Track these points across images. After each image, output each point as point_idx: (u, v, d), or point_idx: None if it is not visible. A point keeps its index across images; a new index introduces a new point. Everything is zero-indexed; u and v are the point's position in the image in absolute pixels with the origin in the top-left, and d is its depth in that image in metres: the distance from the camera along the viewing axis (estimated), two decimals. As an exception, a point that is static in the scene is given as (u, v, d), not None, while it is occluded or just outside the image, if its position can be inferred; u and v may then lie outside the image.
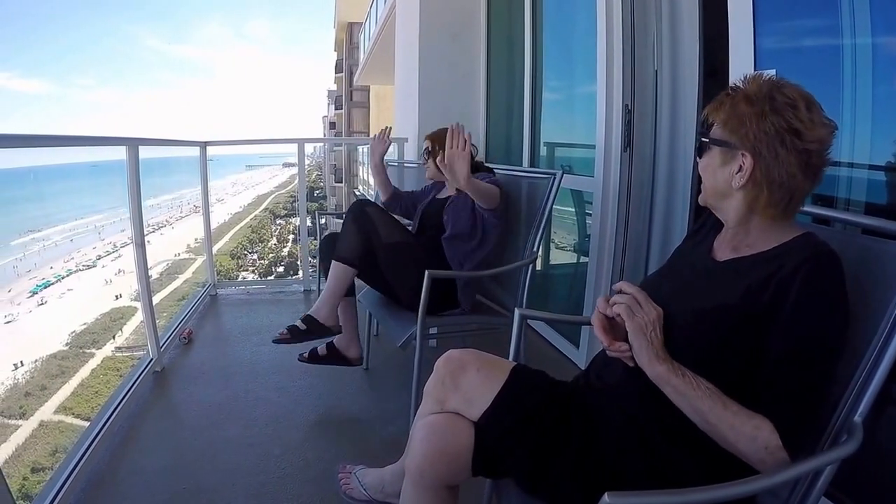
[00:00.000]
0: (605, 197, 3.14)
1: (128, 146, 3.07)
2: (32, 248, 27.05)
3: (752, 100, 1.22)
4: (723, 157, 1.27)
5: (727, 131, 1.26)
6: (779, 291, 1.16)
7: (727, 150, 1.26)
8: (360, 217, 2.73)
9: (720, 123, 1.28)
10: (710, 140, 1.29)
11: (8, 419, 16.24)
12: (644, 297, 1.25)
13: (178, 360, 3.59)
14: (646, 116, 3.05)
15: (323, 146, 40.54)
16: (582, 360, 3.35)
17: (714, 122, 1.30)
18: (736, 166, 1.24)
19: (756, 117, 1.20)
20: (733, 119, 1.24)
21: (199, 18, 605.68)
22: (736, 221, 1.30)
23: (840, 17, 1.89)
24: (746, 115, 1.21)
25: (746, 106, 1.22)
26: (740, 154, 1.23)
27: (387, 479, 1.97)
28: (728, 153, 1.26)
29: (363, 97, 31.14)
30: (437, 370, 1.55)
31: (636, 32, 3.00)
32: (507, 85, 4.77)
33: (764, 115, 1.19)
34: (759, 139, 1.19)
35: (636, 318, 1.22)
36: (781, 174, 1.19)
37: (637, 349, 1.22)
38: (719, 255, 1.38)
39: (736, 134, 1.23)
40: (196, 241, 30.20)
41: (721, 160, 1.28)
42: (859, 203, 1.90)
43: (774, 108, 1.18)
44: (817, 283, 1.14)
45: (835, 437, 1.21)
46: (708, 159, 1.31)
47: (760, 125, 1.19)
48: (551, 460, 1.32)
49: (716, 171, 1.29)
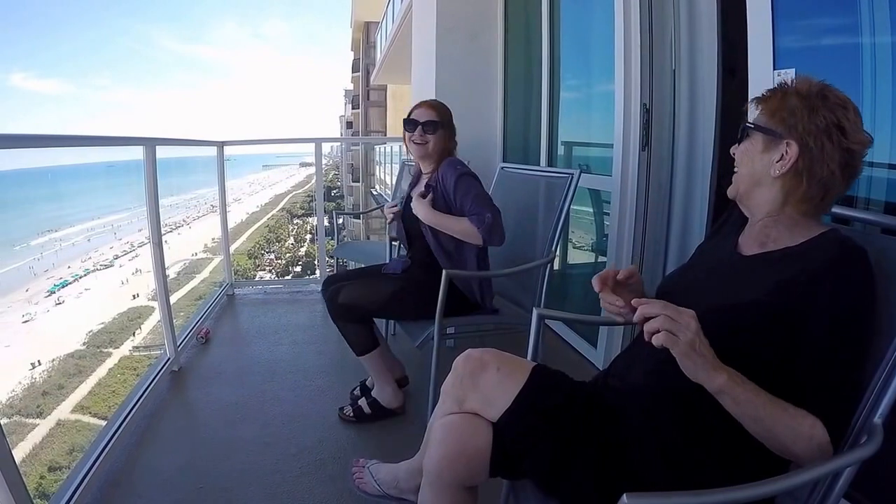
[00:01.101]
0: (623, 196, 3.11)
1: (145, 146, 3.08)
2: (50, 248, 27.30)
3: (804, 95, 1.23)
4: (766, 143, 1.28)
5: (775, 120, 1.26)
6: (811, 285, 1.15)
7: (772, 138, 1.26)
8: (339, 309, 2.73)
9: (767, 113, 1.28)
10: (756, 126, 1.30)
11: (26, 418, 16.38)
12: (674, 311, 1.14)
13: (195, 360, 3.60)
14: (664, 115, 3.02)
15: (340, 145, 40.57)
16: (600, 360, 3.32)
17: (759, 110, 1.31)
18: (778, 154, 1.25)
19: (808, 110, 1.21)
20: (782, 109, 1.25)
21: (214, 18, 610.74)
22: (765, 213, 1.30)
23: (860, 15, 1.86)
24: (797, 107, 1.23)
25: (798, 100, 1.23)
26: (785, 143, 1.24)
27: (401, 476, 1.96)
28: (772, 141, 1.26)
29: (380, 96, 31.15)
30: (455, 369, 1.54)
31: (654, 31, 2.97)
32: (525, 84, 4.74)
33: (815, 109, 1.21)
34: (808, 130, 1.20)
35: (680, 339, 1.11)
36: (823, 169, 1.20)
37: (693, 369, 1.12)
38: (745, 250, 1.37)
39: (784, 123, 1.24)
40: (213, 241, 30.40)
41: (763, 146, 1.28)
42: (879, 202, 1.88)
43: (826, 105, 1.20)
44: (851, 277, 1.14)
45: (854, 439, 1.19)
46: (749, 144, 1.32)
47: (811, 118, 1.20)
48: (570, 461, 1.31)
49: (756, 156, 1.30)
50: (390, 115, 29.21)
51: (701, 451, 1.23)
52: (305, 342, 3.90)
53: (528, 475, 1.42)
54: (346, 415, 2.83)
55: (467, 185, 2.59)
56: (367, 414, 2.81)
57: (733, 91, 2.64)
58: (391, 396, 2.83)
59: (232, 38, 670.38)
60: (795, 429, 1.10)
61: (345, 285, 2.74)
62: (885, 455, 1.12)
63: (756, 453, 1.20)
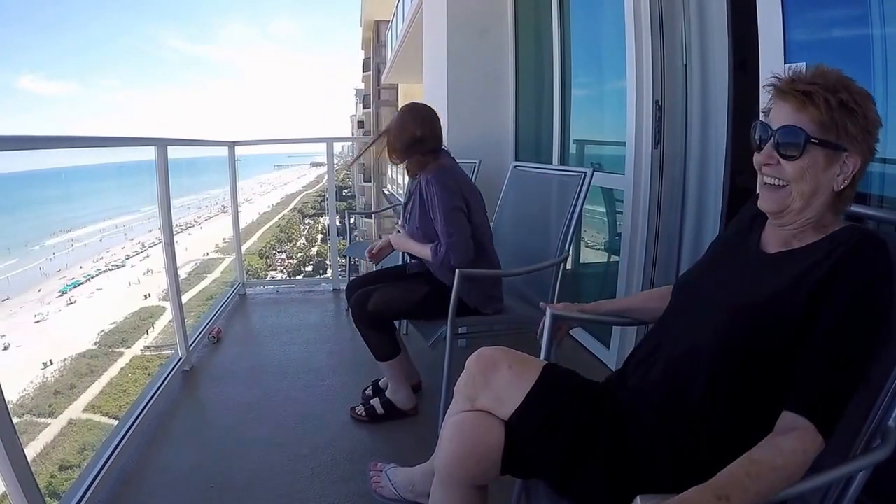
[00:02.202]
0: (636, 194, 3.09)
1: (157, 146, 3.10)
2: (62, 249, 27.49)
3: (843, 98, 1.15)
4: (827, 158, 1.18)
5: (832, 132, 1.17)
6: (830, 274, 1.14)
7: (832, 152, 1.18)
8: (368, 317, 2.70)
9: (815, 123, 1.17)
10: (820, 141, 1.18)
11: (37, 417, 16.50)
12: None
13: (206, 360, 3.61)
14: (676, 112, 3.00)
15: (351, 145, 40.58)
16: (612, 360, 3.30)
17: (797, 122, 1.20)
18: (838, 167, 1.18)
19: (852, 113, 1.15)
20: (832, 119, 1.16)
21: (222, 18, 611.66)
22: (806, 219, 1.24)
23: (869, 7, 1.85)
24: (844, 115, 1.15)
25: (838, 104, 1.15)
26: (844, 155, 1.17)
27: (417, 479, 1.97)
28: (833, 154, 1.18)
29: (391, 96, 31.15)
30: (468, 368, 1.54)
31: (664, 27, 2.95)
32: (536, 82, 4.73)
33: (852, 113, 1.15)
34: (864, 139, 1.16)
35: None
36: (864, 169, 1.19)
37: None
38: (770, 248, 1.34)
39: (843, 133, 1.16)
40: (224, 241, 30.53)
41: (826, 162, 1.19)
42: (892, 200, 1.86)
43: (861, 110, 1.15)
44: (869, 264, 1.13)
45: (867, 443, 1.17)
46: (811, 160, 1.20)
47: (860, 124, 1.15)
48: (582, 460, 1.30)
49: (820, 172, 1.19)
50: (402, 114, 29.20)
51: (712, 454, 1.20)
52: (317, 342, 3.90)
53: (540, 474, 1.41)
54: (358, 414, 2.82)
55: (441, 203, 2.56)
56: (379, 414, 2.80)
57: (745, 86, 2.61)
58: (406, 398, 2.82)
59: (240, 37, 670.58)
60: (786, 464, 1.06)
61: (372, 291, 2.71)
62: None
63: None
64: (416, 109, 2.77)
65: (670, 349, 1.36)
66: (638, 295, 1.92)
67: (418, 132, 2.67)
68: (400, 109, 2.81)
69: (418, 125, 2.68)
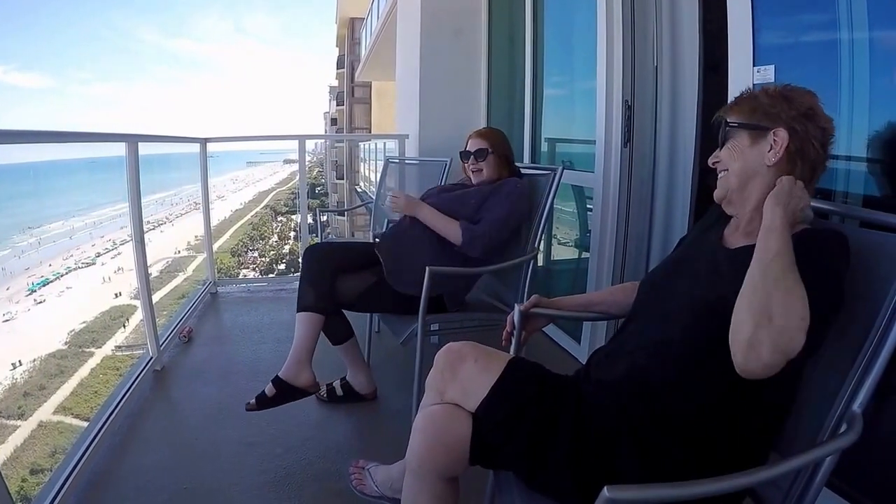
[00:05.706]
0: (605, 192, 3.13)
1: (127, 143, 3.06)
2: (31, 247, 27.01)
3: (772, 93, 1.32)
4: (752, 138, 1.33)
5: (756, 116, 1.32)
6: None
7: (757, 132, 1.31)
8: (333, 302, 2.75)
9: (744, 113, 1.35)
10: (740, 124, 1.35)
11: (6, 419, 16.24)
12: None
13: (178, 359, 3.58)
14: (646, 112, 3.05)
15: (324, 142, 40.45)
16: (584, 355, 3.33)
17: (734, 114, 1.38)
18: (767, 145, 1.30)
19: (783, 100, 1.29)
20: (758, 108, 1.32)
21: (197, 11, 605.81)
22: (756, 202, 1.32)
23: (837, 13, 1.90)
24: (770, 103, 1.30)
25: (767, 98, 1.32)
26: (772, 132, 1.29)
27: (394, 476, 2.00)
28: (758, 134, 1.31)
29: (364, 93, 31.12)
30: (436, 362, 1.58)
31: (636, 27, 2.99)
32: (508, 80, 4.75)
33: (789, 99, 1.29)
34: (791, 116, 1.28)
35: None
36: (810, 148, 1.28)
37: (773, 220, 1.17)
38: (731, 243, 1.40)
39: (767, 116, 1.30)
40: (197, 239, 30.19)
41: (750, 141, 1.33)
42: (857, 196, 1.92)
43: (795, 95, 1.30)
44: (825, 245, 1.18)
45: (835, 428, 1.21)
46: (734, 142, 1.36)
47: (790, 106, 1.28)
48: (546, 452, 1.33)
49: (745, 150, 1.34)
50: (375, 111, 29.19)
51: (672, 440, 1.25)
52: (289, 340, 3.80)
53: (507, 466, 1.44)
54: (320, 395, 2.91)
55: (509, 209, 2.62)
56: (338, 396, 2.91)
57: (715, 88, 2.65)
58: (364, 382, 2.91)
59: (215, 31, 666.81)
60: (805, 316, 1.05)
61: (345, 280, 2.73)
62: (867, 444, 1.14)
63: (733, 447, 1.23)
64: (489, 129, 2.97)
65: (636, 343, 1.40)
66: (604, 290, 1.99)
67: None
68: (489, 129, 2.95)
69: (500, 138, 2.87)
